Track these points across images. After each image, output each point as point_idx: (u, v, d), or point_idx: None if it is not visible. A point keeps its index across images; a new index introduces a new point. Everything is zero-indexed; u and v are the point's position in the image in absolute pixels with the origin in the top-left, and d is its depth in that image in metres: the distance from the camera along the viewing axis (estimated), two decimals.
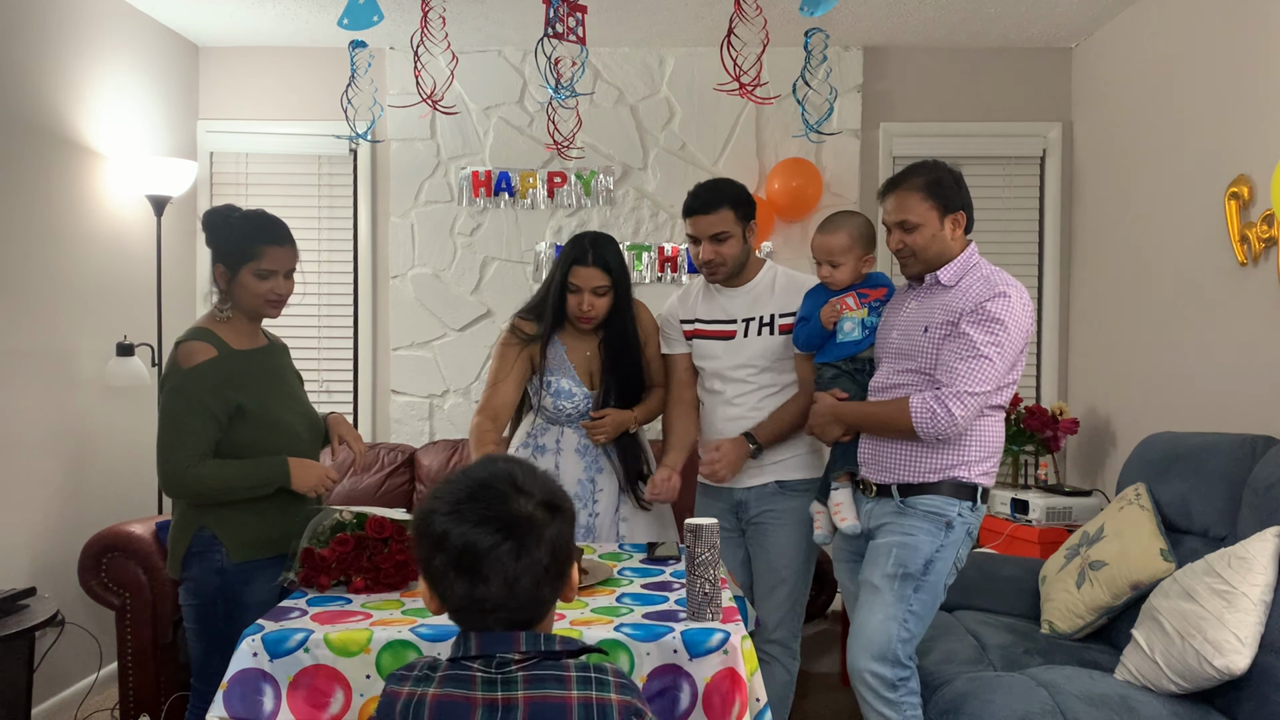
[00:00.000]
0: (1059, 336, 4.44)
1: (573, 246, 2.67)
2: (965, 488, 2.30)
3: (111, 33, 3.76)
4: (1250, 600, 2.23)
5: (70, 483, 3.52)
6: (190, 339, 2.27)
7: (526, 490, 1.28)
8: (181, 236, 4.27)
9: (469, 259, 4.44)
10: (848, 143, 4.39)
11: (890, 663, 2.27)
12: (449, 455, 4.05)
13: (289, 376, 2.48)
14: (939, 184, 2.32)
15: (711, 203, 2.63)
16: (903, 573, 2.29)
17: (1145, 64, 3.80)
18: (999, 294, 2.25)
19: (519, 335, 2.74)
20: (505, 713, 1.22)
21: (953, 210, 2.32)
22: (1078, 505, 3.69)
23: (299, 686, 1.81)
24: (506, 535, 1.24)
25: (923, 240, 2.32)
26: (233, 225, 2.31)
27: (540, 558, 1.25)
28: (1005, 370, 2.25)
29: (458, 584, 1.26)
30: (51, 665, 3.27)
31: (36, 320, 3.34)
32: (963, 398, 2.21)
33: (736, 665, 1.80)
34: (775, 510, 2.69)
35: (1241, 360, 3.16)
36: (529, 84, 4.41)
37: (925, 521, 2.30)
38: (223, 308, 2.33)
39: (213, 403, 2.21)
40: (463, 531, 1.24)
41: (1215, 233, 3.27)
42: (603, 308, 2.67)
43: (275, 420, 2.31)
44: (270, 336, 2.49)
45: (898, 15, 4.05)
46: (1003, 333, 2.22)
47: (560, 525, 1.29)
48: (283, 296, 2.35)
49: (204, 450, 2.21)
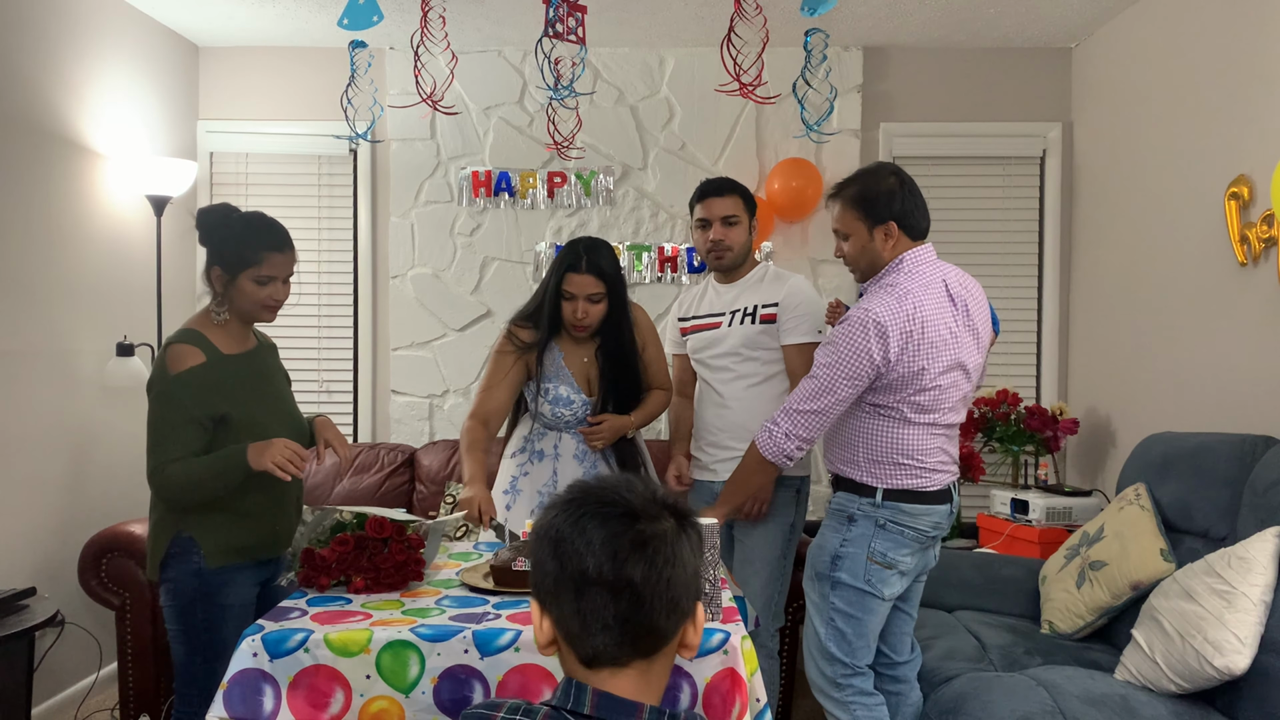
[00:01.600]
0: (1059, 336, 4.44)
1: (567, 253, 2.65)
2: (862, 486, 2.35)
3: (111, 33, 3.76)
4: (1250, 600, 2.23)
5: (70, 483, 3.52)
6: (179, 341, 2.23)
7: (644, 496, 1.15)
8: (181, 236, 4.27)
9: (469, 259, 4.44)
10: (848, 143, 4.39)
11: (828, 659, 2.35)
12: (449, 455, 4.05)
13: (276, 378, 2.43)
14: (864, 197, 2.34)
15: (724, 187, 2.80)
16: (815, 573, 2.40)
17: (1145, 64, 3.79)
18: (850, 315, 2.28)
19: (516, 342, 2.72)
20: None
21: (880, 222, 2.33)
22: (1078, 505, 3.69)
23: (299, 687, 1.81)
24: (624, 536, 1.10)
25: (853, 250, 2.38)
26: (233, 228, 2.26)
27: (663, 570, 1.11)
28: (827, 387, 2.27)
29: (567, 596, 1.11)
30: (51, 665, 3.27)
31: (36, 320, 3.34)
32: (788, 414, 2.33)
33: (736, 665, 1.80)
34: None
35: (1241, 360, 3.15)
36: (529, 84, 4.41)
37: (831, 519, 2.41)
38: (218, 311, 2.29)
39: (197, 410, 2.19)
40: (578, 533, 1.11)
41: (1215, 233, 3.27)
42: (597, 315, 2.65)
43: (257, 426, 2.24)
44: (260, 336, 2.45)
45: (898, 15, 4.05)
46: (833, 352, 2.27)
47: (683, 538, 1.15)
48: (280, 302, 2.31)
49: (182, 455, 2.17)
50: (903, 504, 2.32)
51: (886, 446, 2.33)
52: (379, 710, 1.80)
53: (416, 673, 1.80)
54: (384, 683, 1.81)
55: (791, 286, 2.78)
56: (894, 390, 2.27)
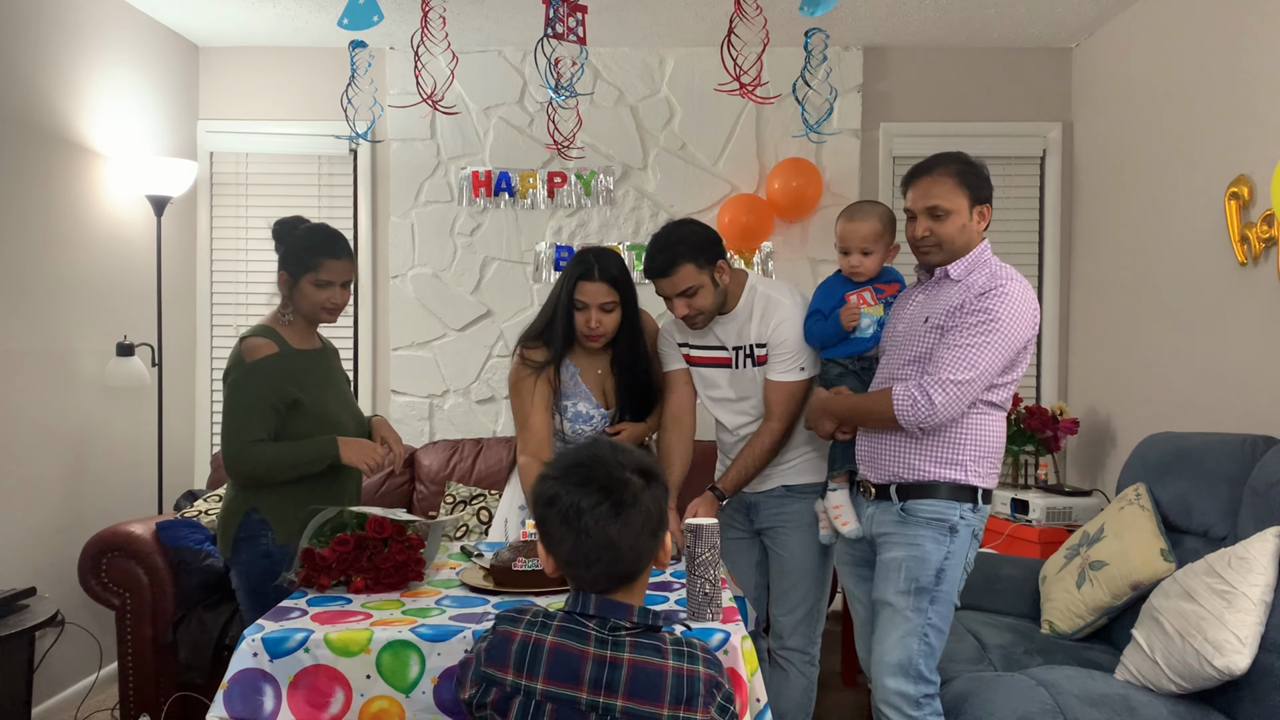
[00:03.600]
0: (1059, 336, 4.44)
1: (577, 263, 2.58)
2: (964, 489, 2.25)
3: (111, 33, 3.76)
4: (1250, 600, 2.23)
5: (70, 483, 3.52)
6: (254, 335, 2.45)
7: (623, 460, 1.47)
8: (181, 236, 4.27)
9: (469, 259, 4.44)
10: (848, 143, 4.39)
11: (913, 679, 2.23)
12: (449, 455, 4.05)
13: (338, 378, 2.64)
14: (972, 173, 2.28)
15: (669, 264, 2.49)
16: (916, 587, 2.23)
17: (1145, 64, 3.80)
18: (996, 287, 2.19)
19: (530, 364, 2.63)
20: (612, 669, 1.41)
21: (981, 202, 2.28)
22: (1078, 505, 3.69)
23: (299, 687, 1.81)
24: (605, 496, 1.43)
25: (952, 229, 2.25)
26: (297, 237, 2.49)
27: (635, 517, 1.44)
28: (994, 361, 2.17)
29: (566, 539, 1.44)
30: (51, 665, 3.27)
31: (36, 320, 3.34)
32: (944, 385, 2.15)
33: (736, 665, 1.81)
34: (784, 514, 2.66)
35: (1241, 360, 3.15)
36: (529, 84, 4.41)
37: (929, 529, 2.24)
38: (285, 312, 2.52)
39: (271, 394, 2.38)
40: (569, 497, 1.44)
41: (1215, 233, 3.27)
42: (611, 324, 2.58)
43: (327, 415, 2.47)
44: (324, 340, 2.65)
45: (898, 15, 4.05)
46: (993, 324, 2.16)
47: (654, 491, 1.47)
48: (339, 305, 2.52)
49: (263, 436, 2.37)
50: (986, 504, 2.28)
51: (994, 441, 2.25)
52: (379, 710, 1.81)
53: (417, 673, 1.81)
54: (384, 683, 1.81)
55: (776, 323, 2.56)
56: (1010, 371, 2.23)
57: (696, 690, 1.40)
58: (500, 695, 1.43)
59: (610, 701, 1.39)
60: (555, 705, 1.40)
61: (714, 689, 1.42)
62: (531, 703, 1.41)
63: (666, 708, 1.39)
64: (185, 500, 3.72)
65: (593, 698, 1.39)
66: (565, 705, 1.40)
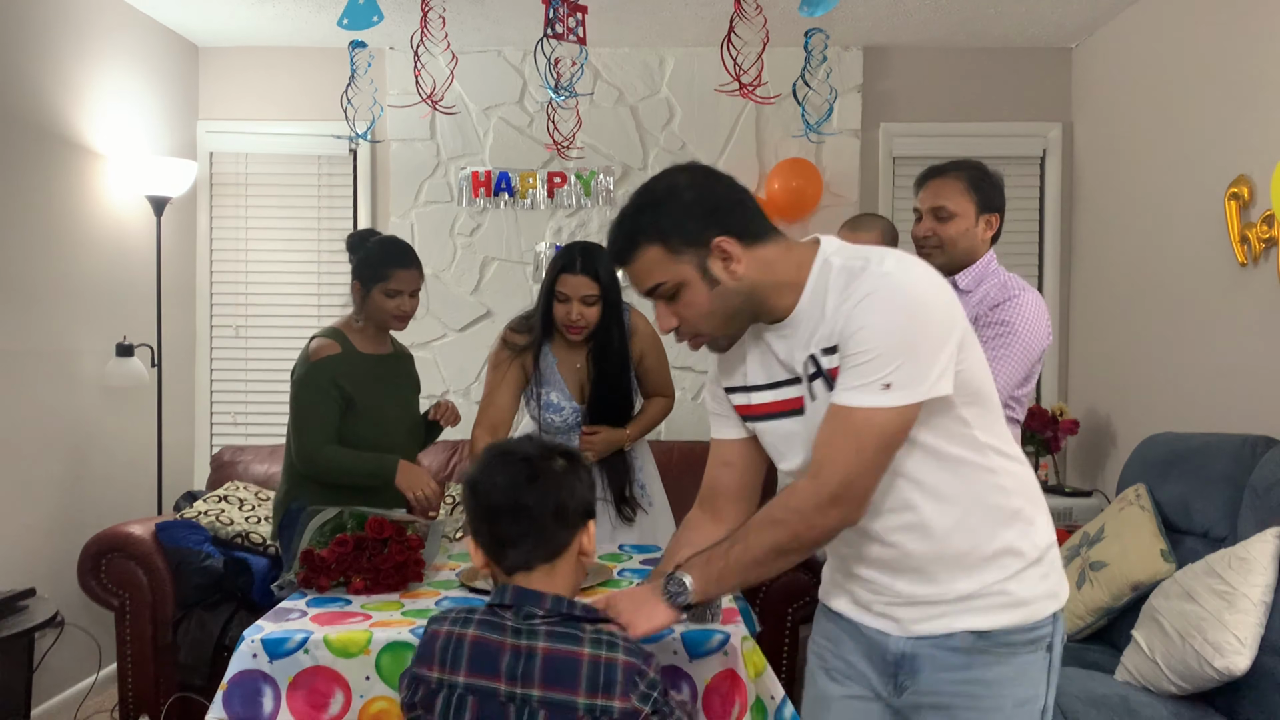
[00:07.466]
0: (1059, 337, 4.43)
1: (562, 255, 2.65)
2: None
3: (111, 33, 3.76)
4: (1250, 601, 2.23)
5: (70, 483, 3.52)
6: (320, 336, 2.64)
7: (541, 446, 1.51)
8: (181, 237, 4.27)
9: (469, 259, 4.43)
10: (848, 143, 4.39)
11: None
12: (448, 455, 4.05)
13: (404, 384, 2.77)
14: (984, 181, 2.30)
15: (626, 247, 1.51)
16: None
17: (1145, 64, 3.79)
18: (1010, 298, 2.19)
19: (510, 347, 2.74)
20: (528, 659, 1.41)
21: (990, 210, 2.30)
22: (1078, 506, 3.69)
23: (298, 688, 1.81)
24: (521, 469, 1.46)
25: (955, 231, 2.27)
26: (369, 249, 2.64)
27: (551, 488, 1.45)
28: (1014, 373, 2.16)
29: (484, 524, 1.47)
30: (51, 666, 3.27)
31: (36, 320, 3.34)
32: None
33: (736, 666, 1.81)
34: (976, 683, 1.48)
35: (1241, 360, 3.15)
36: (529, 84, 4.41)
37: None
38: (357, 318, 2.67)
39: (331, 390, 2.55)
40: (486, 477, 1.47)
41: (1215, 233, 3.27)
42: (592, 318, 2.62)
43: (383, 419, 2.62)
44: (397, 346, 2.80)
45: (898, 15, 4.04)
46: (1010, 336, 2.16)
47: (571, 475, 1.48)
48: (408, 313, 2.65)
49: (330, 431, 2.54)
50: None
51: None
52: (379, 711, 1.81)
53: None
54: (384, 683, 1.81)
55: (858, 300, 1.40)
56: (1025, 384, 2.21)
57: (614, 678, 1.39)
58: (426, 692, 1.46)
59: (527, 692, 1.40)
60: (476, 698, 1.42)
61: (635, 676, 1.40)
62: (454, 696, 1.43)
63: (583, 695, 1.39)
64: (185, 501, 3.72)
65: (510, 689, 1.41)
66: (486, 697, 1.42)
